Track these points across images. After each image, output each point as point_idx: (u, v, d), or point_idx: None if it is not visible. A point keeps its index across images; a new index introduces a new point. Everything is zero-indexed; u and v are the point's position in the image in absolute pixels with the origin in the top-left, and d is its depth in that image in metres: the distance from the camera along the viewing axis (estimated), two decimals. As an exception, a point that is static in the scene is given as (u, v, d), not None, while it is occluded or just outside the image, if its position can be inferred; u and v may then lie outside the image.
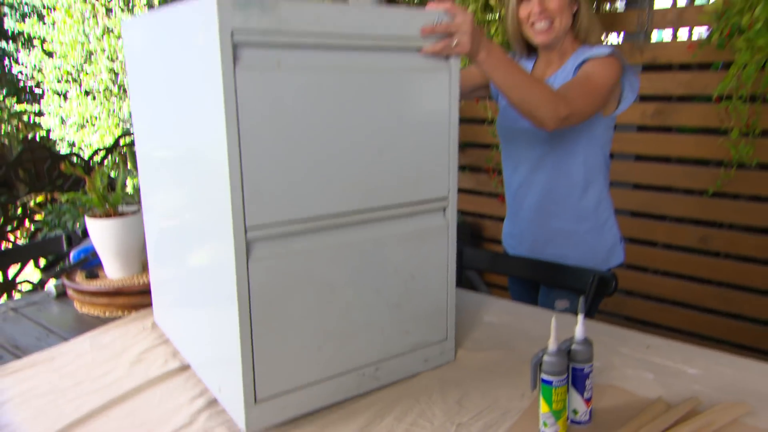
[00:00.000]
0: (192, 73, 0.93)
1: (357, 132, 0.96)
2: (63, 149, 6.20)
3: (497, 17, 2.32)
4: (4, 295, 2.74)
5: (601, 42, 1.50)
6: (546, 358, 0.94)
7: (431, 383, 1.13)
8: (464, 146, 2.98)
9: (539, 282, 1.64)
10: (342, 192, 0.98)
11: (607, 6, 2.53)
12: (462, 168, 3.01)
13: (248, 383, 0.94)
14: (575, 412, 0.97)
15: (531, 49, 1.57)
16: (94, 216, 1.51)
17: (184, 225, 1.13)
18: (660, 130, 2.34)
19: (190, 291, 1.15)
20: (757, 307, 2.24)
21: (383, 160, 1.00)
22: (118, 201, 1.56)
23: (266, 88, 0.84)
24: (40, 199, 3.65)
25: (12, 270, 2.73)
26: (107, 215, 1.52)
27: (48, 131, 6.40)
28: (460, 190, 3.10)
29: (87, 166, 3.70)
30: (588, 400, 0.97)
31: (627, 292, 2.58)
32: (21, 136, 7.22)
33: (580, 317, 0.97)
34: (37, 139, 7.02)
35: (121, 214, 1.54)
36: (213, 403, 1.07)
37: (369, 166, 0.99)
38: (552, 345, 0.94)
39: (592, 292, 1.45)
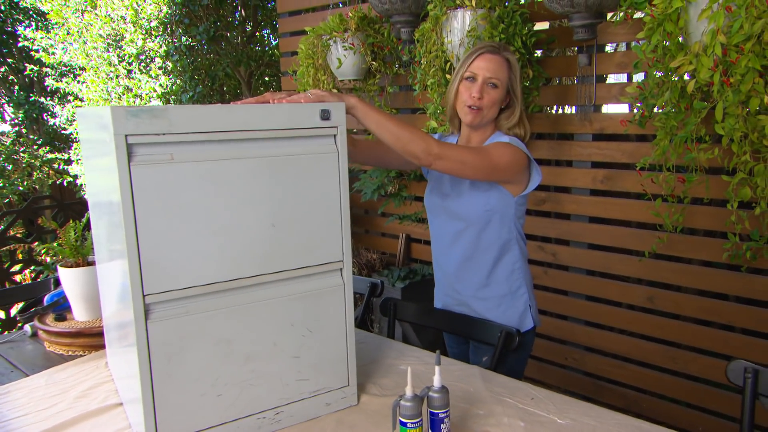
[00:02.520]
0: (105, 162, 1.12)
1: (249, 210, 1.14)
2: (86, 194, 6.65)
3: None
4: (5, 333, 2.99)
5: (520, 135, 1.65)
6: (402, 402, 1.08)
7: (328, 425, 1.27)
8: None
9: (457, 335, 1.79)
10: (236, 261, 1.15)
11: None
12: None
13: (150, 426, 1.10)
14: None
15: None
16: (65, 265, 1.72)
17: (111, 282, 1.32)
18: (609, 194, 2.49)
19: (118, 337, 1.33)
20: (703, 368, 2.31)
21: (277, 232, 1.18)
22: (88, 252, 1.77)
23: (159, 178, 1.04)
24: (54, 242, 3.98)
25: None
26: (77, 265, 1.73)
27: (75, 177, 6.85)
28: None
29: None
30: (443, 443, 1.11)
31: (586, 348, 2.67)
32: (50, 181, 7.74)
33: (437, 368, 1.12)
34: (65, 184, 7.52)
35: (90, 264, 1.75)
36: (131, 434, 1.23)
37: (262, 238, 1.16)
38: (408, 391, 1.09)
39: (500, 345, 1.58)
